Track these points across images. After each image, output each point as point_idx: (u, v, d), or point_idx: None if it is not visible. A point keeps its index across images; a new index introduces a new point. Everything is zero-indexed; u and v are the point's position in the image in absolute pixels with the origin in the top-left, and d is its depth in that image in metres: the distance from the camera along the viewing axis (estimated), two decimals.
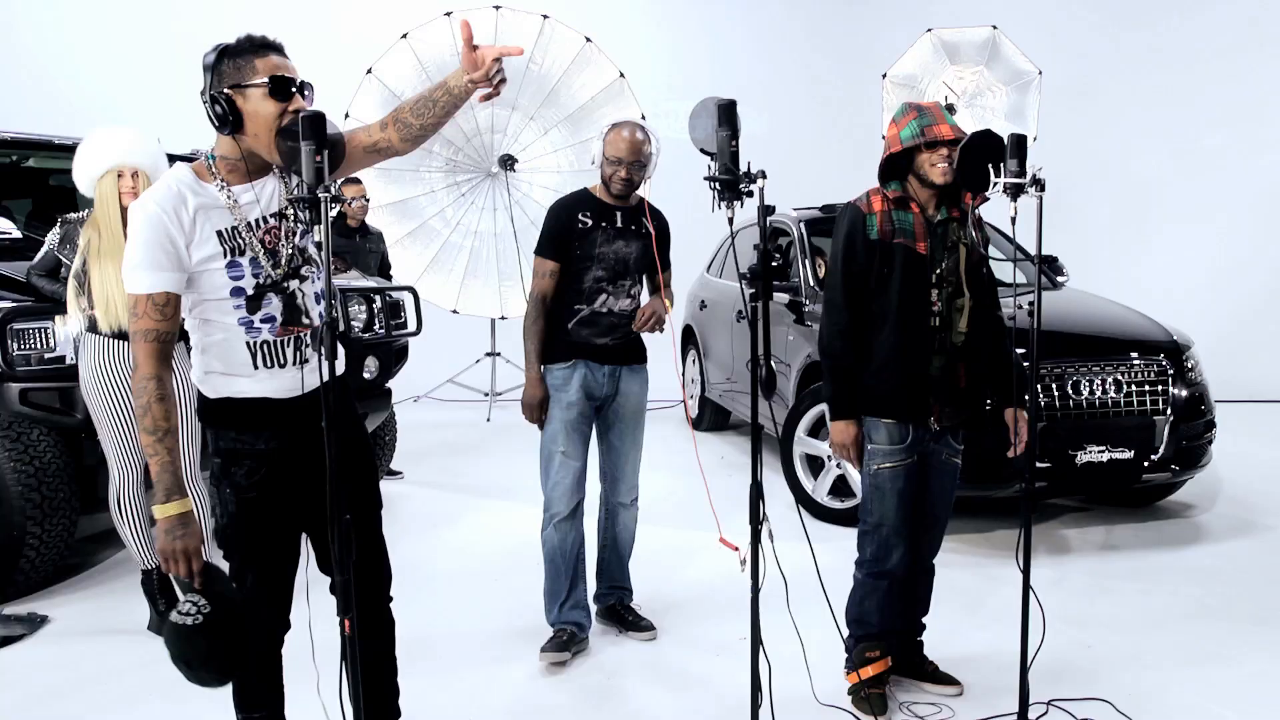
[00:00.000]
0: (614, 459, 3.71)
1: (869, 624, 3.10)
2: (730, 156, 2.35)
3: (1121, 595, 4.07)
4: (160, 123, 7.23)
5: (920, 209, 2.97)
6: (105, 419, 3.66)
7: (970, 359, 3.01)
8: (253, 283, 2.21)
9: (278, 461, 2.28)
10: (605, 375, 3.58)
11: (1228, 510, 5.24)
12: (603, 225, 3.54)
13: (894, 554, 3.03)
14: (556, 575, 3.59)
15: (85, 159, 3.70)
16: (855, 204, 3.03)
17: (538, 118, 7.92)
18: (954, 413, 3.01)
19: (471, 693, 3.31)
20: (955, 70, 8.66)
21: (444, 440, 7.54)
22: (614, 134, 3.50)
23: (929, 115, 2.90)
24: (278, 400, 2.27)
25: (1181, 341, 4.91)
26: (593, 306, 3.54)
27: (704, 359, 7.49)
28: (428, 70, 7.50)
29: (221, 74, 2.18)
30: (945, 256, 2.96)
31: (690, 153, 2.52)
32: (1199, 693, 3.21)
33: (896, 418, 2.98)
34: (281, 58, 2.21)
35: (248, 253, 2.20)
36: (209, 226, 2.17)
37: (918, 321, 2.93)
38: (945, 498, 3.12)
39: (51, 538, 4.03)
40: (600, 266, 3.53)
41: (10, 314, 3.85)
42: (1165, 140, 9.94)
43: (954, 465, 3.10)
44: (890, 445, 2.98)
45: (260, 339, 2.23)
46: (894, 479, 2.99)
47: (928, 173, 2.90)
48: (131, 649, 3.65)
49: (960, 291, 2.97)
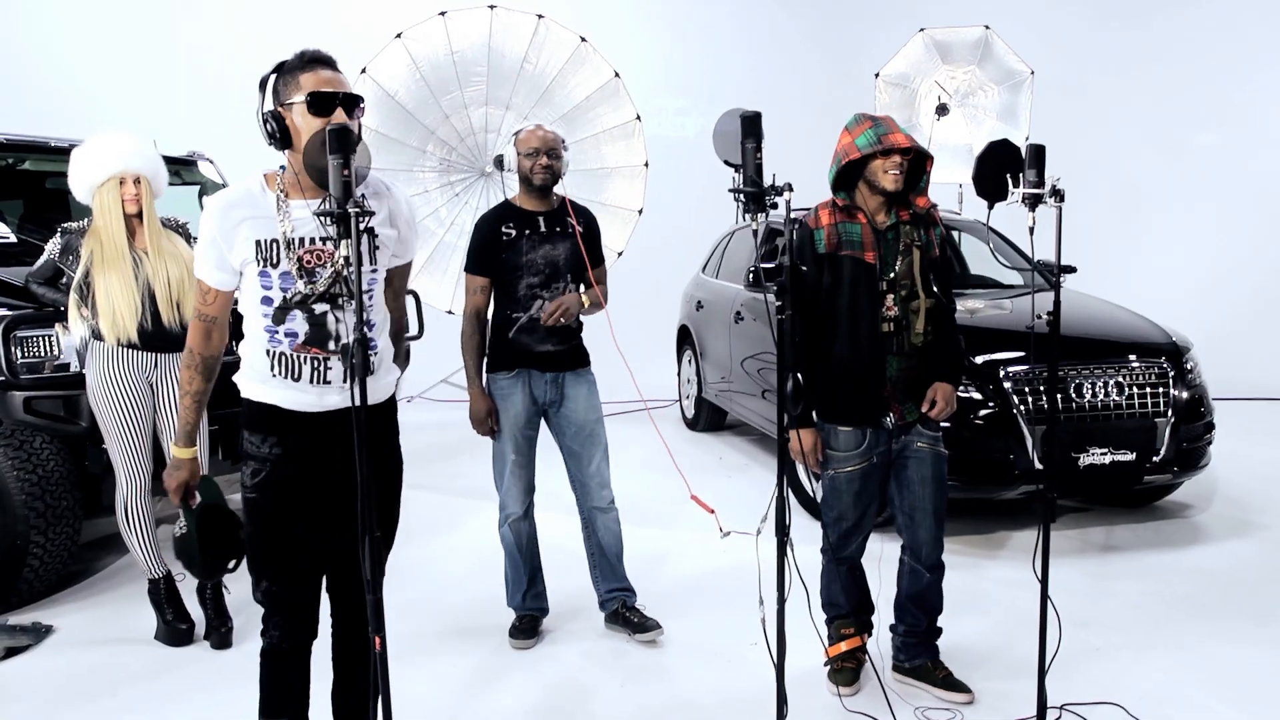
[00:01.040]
0: (576, 464, 3.75)
1: (839, 604, 3.29)
2: (755, 169, 2.35)
3: (1125, 596, 4.11)
4: (157, 124, 7.18)
5: (868, 218, 3.07)
6: (112, 427, 3.64)
7: (930, 356, 3.12)
8: (280, 296, 2.25)
9: (280, 467, 2.32)
10: (548, 382, 3.65)
11: (1225, 510, 5.29)
12: (526, 233, 3.60)
13: (853, 543, 3.25)
14: (516, 566, 3.75)
15: (83, 166, 3.64)
16: (803, 220, 3.12)
17: (532, 117, 7.87)
18: (916, 408, 3.13)
19: (482, 699, 3.31)
20: (947, 70, 8.67)
21: (439, 442, 7.51)
22: (523, 134, 3.68)
23: (884, 125, 2.98)
24: (288, 410, 2.31)
25: (1181, 343, 4.95)
26: (529, 313, 3.60)
27: (701, 359, 7.49)
28: (421, 70, 7.46)
29: (273, 92, 2.23)
30: (897, 260, 3.05)
31: (685, 151, 2.53)
32: (1208, 694, 3.25)
33: (851, 424, 3.11)
34: (329, 71, 2.23)
35: (281, 266, 2.23)
36: (250, 234, 2.24)
37: (869, 329, 3.04)
38: (930, 486, 3.16)
39: (55, 546, 4.00)
40: (531, 273, 3.59)
41: (14, 321, 3.81)
42: (1158, 139, 9.99)
43: (933, 453, 3.16)
44: (845, 451, 3.12)
45: (279, 350, 2.29)
46: (849, 481, 3.14)
47: (880, 179, 2.98)
48: (139, 658, 3.63)
49: (915, 294, 3.06)
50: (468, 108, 7.76)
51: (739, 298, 6.64)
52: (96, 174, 3.62)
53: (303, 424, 2.31)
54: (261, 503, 2.33)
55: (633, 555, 3.93)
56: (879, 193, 3.03)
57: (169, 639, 3.74)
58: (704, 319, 7.38)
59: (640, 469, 5.87)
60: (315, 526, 2.34)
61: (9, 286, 4.14)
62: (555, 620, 3.88)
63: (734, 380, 6.74)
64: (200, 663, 3.60)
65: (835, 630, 3.32)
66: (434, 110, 7.63)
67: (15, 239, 4.64)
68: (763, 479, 6.21)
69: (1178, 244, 9.86)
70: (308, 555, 2.37)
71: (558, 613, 3.89)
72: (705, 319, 7.35)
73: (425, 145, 7.76)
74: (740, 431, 7.59)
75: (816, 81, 10.55)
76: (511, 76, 7.63)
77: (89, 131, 3.85)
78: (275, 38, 10.01)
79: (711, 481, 5.93)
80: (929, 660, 3.28)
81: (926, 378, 3.13)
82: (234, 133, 8.81)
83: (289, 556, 2.35)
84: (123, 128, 4.84)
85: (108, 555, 4.74)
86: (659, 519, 5.23)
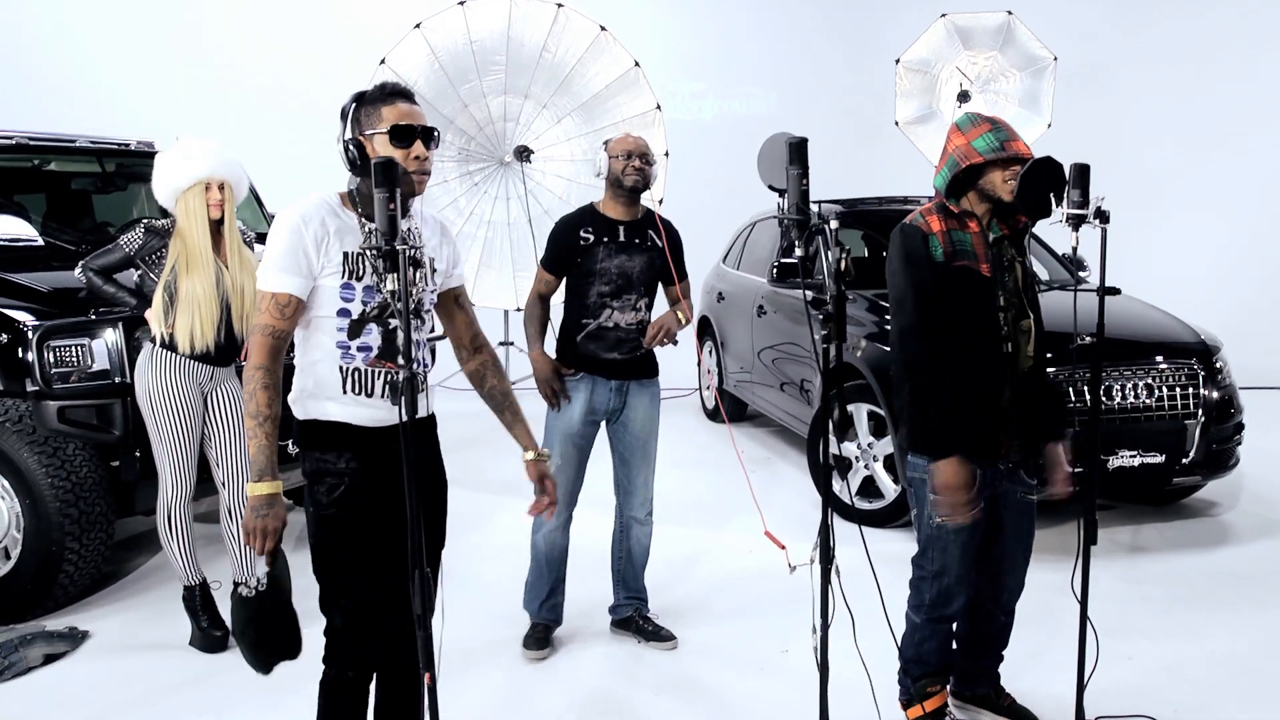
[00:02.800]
0: (625, 472, 3.75)
1: (929, 663, 2.99)
2: (801, 195, 2.33)
3: (1155, 603, 4.10)
4: (171, 118, 7.17)
5: (981, 227, 2.79)
6: (162, 434, 3.62)
7: (1035, 384, 2.85)
8: (360, 309, 2.29)
9: (358, 481, 2.32)
10: (612, 390, 3.63)
11: (1252, 509, 5.28)
12: (604, 240, 3.58)
13: (955, 601, 2.90)
14: (540, 574, 3.75)
15: (169, 170, 3.62)
16: (913, 224, 2.80)
17: (551, 106, 7.84)
18: (1023, 446, 2.85)
19: (509, 702, 3.34)
20: (969, 55, 8.59)
21: (463, 433, 7.48)
22: (615, 139, 3.64)
23: (1004, 130, 2.71)
24: (360, 426, 2.32)
25: (1211, 344, 4.92)
26: (598, 320, 3.59)
27: (722, 351, 7.48)
28: (441, 60, 7.41)
29: (355, 121, 2.29)
30: (1005, 277, 2.80)
31: (703, 136, 2.50)
32: (1240, 708, 3.24)
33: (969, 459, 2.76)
34: (409, 104, 2.30)
35: (365, 279, 2.28)
36: (339, 246, 2.27)
37: (990, 350, 2.75)
38: (1024, 540, 2.96)
39: (89, 551, 4.03)
40: (602, 281, 3.57)
41: (48, 331, 3.81)
42: (1180, 130, 9.86)
43: (1029, 503, 2.93)
44: None
45: (353, 365, 2.31)
46: (958, 531, 2.79)
47: (998, 189, 2.71)
48: (177, 666, 3.66)
49: (1024, 313, 2.82)
50: (486, 97, 7.72)
51: (761, 291, 6.62)
52: (183, 178, 3.60)
53: (375, 439, 2.33)
54: (341, 520, 2.31)
55: (660, 558, 3.91)
56: (990, 202, 2.75)
57: (204, 645, 3.76)
58: (725, 311, 7.36)
59: (666, 466, 5.87)
60: (386, 547, 2.34)
61: (35, 293, 4.12)
62: (570, 627, 3.88)
63: (754, 373, 6.73)
64: (236, 670, 3.60)
65: (920, 688, 3.00)
66: (453, 99, 7.59)
67: (43, 242, 4.61)
68: (785, 474, 6.21)
69: (1198, 232, 9.78)
70: (382, 577, 2.36)
71: (571, 617, 3.89)
72: (726, 311, 7.33)
73: (444, 135, 7.72)
74: (760, 423, 7.58)
75: (834, 65, 10.45)
76: (531, 65, 7.59)
77: (101, 127, 3.81)
78: (293, 30, 10.06)
79: (734, 477, 5.92)
80: (992, 689, 3.19)
81: (1032, 413, 2.84)
82: (250, 125, 8.86)
83: (368, 577, 2.35)
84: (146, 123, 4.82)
85: (139, 556, 4.78)
86: (675, 519, 5.21)
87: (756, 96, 10.74)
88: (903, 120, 8.65)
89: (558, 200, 7.89)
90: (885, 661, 3.09)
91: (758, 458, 6.65)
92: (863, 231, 6.72)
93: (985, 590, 3.02)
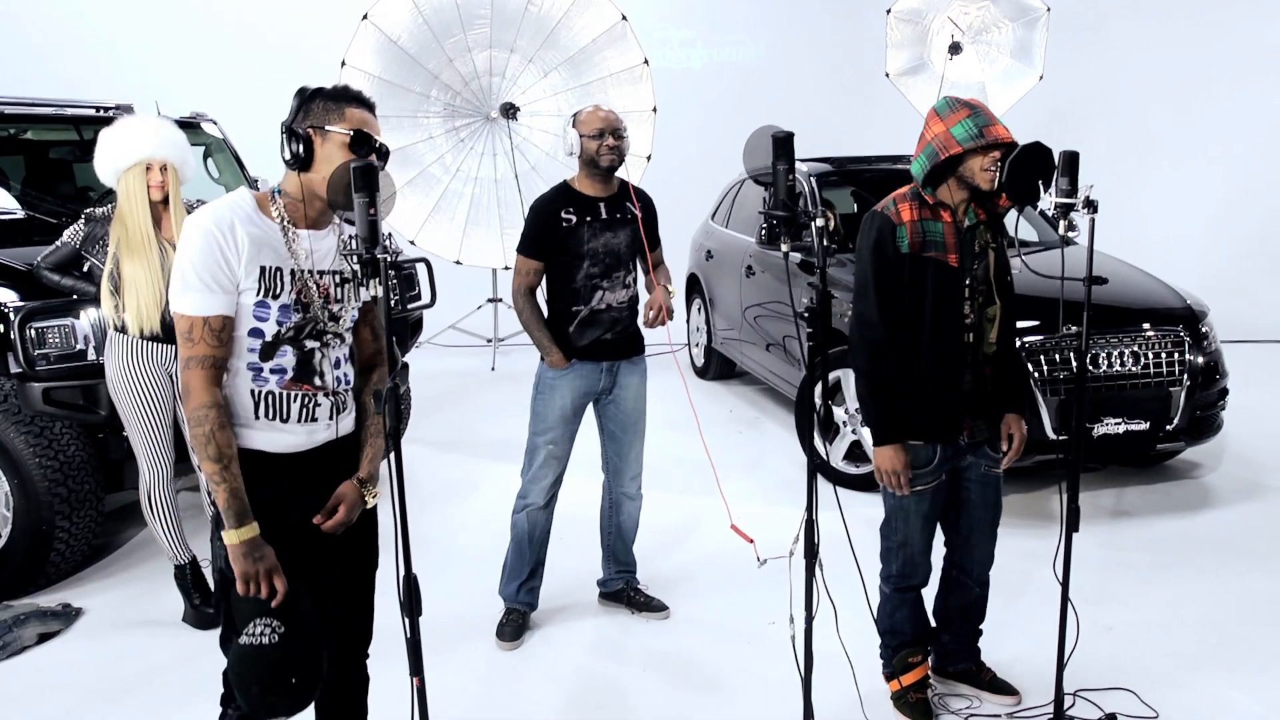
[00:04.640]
0: (616, 449, 3.74)
1: (903, 633, 3.10)
2: (787, 191, 2.30)
3: (1136, 570, 4.15)
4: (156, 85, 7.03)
5: (953, 216, 2.80)
6: (134, 419, 3.64)
7: (998, 367, 2.93)
8: (275, 329, 2.15)
9: (274, 509, 2.16)
10: (603, 371, 3.60)
11: (1235, 470, 5.33)
12: (587, 220, 3.49)
13: (919, 571, 3.03)
14: (520, 556, 3.70)
15: (110, 150, 3.56)
16: (883, 213, 2.83)
17: (537, 60, 7.72)
18: (985, 426, 2.94)
19: (508, 691, 3.38)
20: (960, 5, 8.45)
21: (450, 390, 7.54)
22: (584, 115, 3.52)
23: (982, 115, 2.68)
24: (274, 454, 2.19)
25: (1198, 309, 4.92)
26: (590, 305, 3.52)
27: (710, 309, 7.47)
28: (424, 14, 7.28)
29: (309, 111, 2.15)
30: (975, 264, 2.84)
31: (691, 85, 2.45)
32: (1220, 679, 3.30)
33: (926, 439, 2.87)
34: (371, 115, 2.20)
35: (282, 298, 2.14)
36: (256, 258, 2.11)
37: (951, 337, 2.82)
38: (990, 511, 3.05)
39: (79, 529, 4.05)
40: (591, 263, 3.50)
41: (30, 313, 3.78)
42: (1173, 83, 9.75)
43: (994, 476, 3.02)
44: (918, 468, 2.89)
45: (265, 389, 2.16)
46: (919, 502, 2.93)
47: (976, 177, 2.70)
48: (171, 643, 3.70)
49: (991, 299, 2.87)
50: (471, 51, 7.59)
51: (750, 250, 6.59)
52: (123, 158, 3.54)
53: (290, 465, 2.20)
54: None
55: (645, 524, 3.92)
56: (968, 189, 2.76)
57: (197, 622, 3.80)
58: (714, 269, 7.33)
59: (654, 428, 5.89)
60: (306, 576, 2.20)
61: (13, 271, 4.06)
62: (556, 601, 3.90)
63: (742, 332, 6.73)
64: None
65: (900, 660, 3.11)
66: (437, 54, 7.47)
67: (23, 214, 4.54)
68: (775, 435, 6.24)
69: (1188, 186, 9.74)
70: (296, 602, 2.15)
71: (557, 589, 3.90)
72: (715, 269, 7.30)
73: (429, 90, 7.63)
74: (748, 381, 7.60)
75: (825, 14, 10.30)
76: (516, 19, 7.46)
77: (86, 94, 3.73)
78: None
79: (722, 439, 5.96)
80: (973, 664, 3.25)
81: (993, 392, 2.93)
82: (235, 92, 8.71)
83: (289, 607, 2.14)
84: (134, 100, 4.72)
85: (130, 528, 4.79)
86: (664, 485, 5.22)
87: (745, 44, 10.58)
88: (893, 71, 8.54)
89: (544, 155, 7.81)
90: (868, 642, 3.15)
91: (746, 418, 6.68)
92: (852, 189, 6.68)
93: (956, 562, 3.13)
